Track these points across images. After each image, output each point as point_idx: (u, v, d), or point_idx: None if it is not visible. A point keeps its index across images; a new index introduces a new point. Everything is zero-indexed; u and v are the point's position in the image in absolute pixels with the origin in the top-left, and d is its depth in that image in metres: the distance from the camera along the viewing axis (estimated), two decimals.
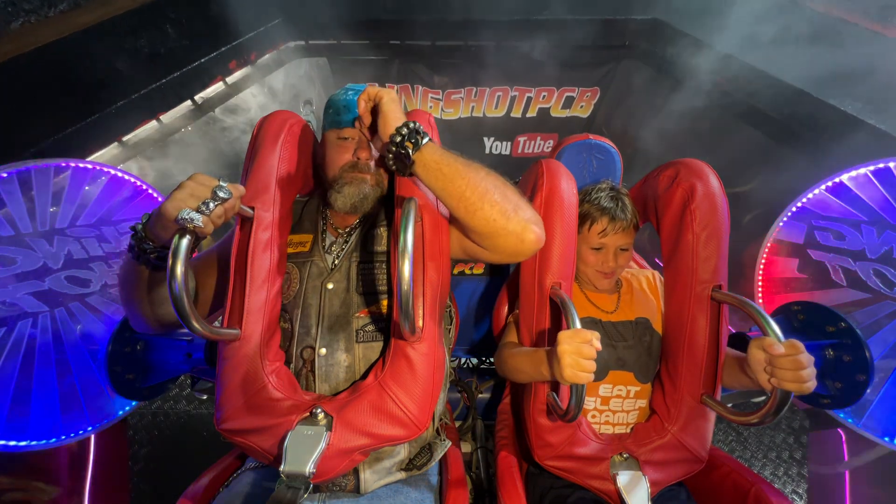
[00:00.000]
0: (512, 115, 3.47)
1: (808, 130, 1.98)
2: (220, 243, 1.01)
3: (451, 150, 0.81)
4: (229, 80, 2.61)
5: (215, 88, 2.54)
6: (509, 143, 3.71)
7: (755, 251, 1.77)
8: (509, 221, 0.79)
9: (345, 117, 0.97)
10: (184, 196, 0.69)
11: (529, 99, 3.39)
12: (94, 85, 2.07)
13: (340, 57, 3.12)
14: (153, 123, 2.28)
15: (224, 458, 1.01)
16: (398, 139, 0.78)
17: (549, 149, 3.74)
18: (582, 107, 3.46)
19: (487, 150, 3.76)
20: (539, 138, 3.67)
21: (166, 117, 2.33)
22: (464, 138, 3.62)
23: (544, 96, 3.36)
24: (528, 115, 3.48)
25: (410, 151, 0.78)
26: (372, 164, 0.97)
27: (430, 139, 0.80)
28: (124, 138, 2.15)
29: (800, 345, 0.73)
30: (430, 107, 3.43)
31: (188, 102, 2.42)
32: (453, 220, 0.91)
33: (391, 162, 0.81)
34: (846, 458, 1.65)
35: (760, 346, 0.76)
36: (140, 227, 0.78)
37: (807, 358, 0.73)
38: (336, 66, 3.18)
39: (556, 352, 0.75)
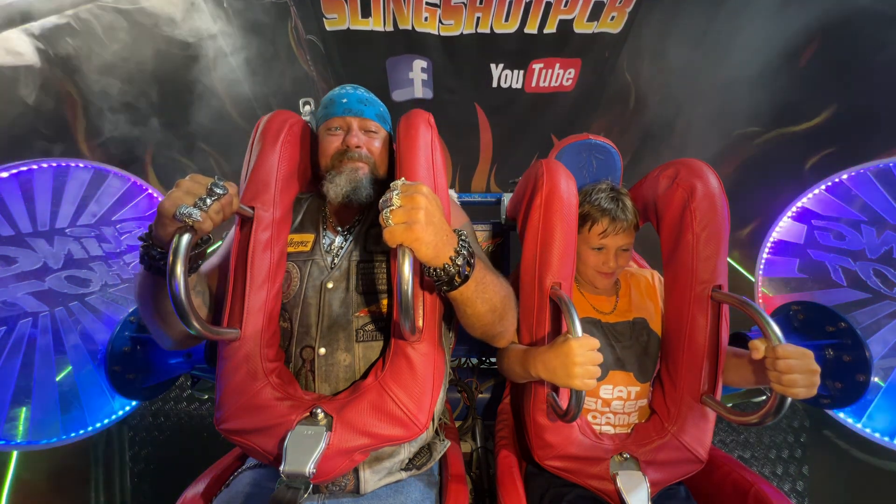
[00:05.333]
0: (526, 30, 2.78)
1: None
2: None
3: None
4: None
5: None
6: (522, 73, 3.00)
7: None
8: (495, 340, 0.94)
9: (332, 110, 1.00)
10: (180, 194, 0.70)
11: (549, 6, 2.67)
12: None
13: None
14: None
15: (224, 458, 1.01)
16: (449, 271, 0.71)
17: (570, 81, 3.05)
18: (613, 18, 2.72)
19: (496, 83, 3.03)
20: (558, 65, 2.96)
21: None
22: (467, 65, 2.93)
23: (567, 2, 2.67)
24: (546, 30, 2.79)
25: (456, 284, 0.73)
26: (363, 151, 0.98)
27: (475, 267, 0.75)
28: None
29: (809, 353, 0.76)
30: (426, 17, 2.68)
31: None
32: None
33: (434, 278, 0.74)
34: None
35: (774, 351, 0.77)
36: (146, 235, 0.78)
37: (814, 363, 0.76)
38: None
39: (566, 361, 0.76)
